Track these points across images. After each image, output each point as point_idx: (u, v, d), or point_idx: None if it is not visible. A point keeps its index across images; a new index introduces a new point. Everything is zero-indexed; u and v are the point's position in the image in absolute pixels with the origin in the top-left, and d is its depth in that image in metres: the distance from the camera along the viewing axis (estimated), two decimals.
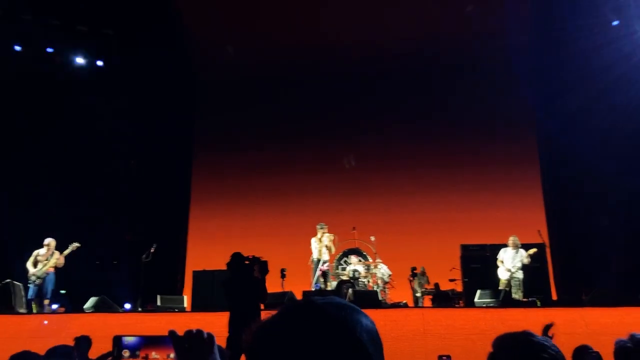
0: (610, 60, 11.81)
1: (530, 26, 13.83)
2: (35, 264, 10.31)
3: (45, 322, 9.12)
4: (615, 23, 12.15)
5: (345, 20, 13.86)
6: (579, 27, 12.13)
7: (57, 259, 10.37)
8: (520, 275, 10.37)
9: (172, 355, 1.22)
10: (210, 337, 1.19)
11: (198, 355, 1.17)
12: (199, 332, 1.19)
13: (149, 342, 1.23)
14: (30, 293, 10.22)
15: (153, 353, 1.23)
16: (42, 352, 4.40)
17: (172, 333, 1.18)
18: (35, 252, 10.40)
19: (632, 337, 1.87)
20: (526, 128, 14.20)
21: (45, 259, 10.36)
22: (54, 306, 10.57)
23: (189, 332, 1.18)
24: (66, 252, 10.45)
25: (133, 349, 1.23)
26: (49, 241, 10.52)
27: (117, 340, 1.23)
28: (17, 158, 12.74)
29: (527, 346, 1.51)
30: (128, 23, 13.39)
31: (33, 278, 10.20)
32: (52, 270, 10.33)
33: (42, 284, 10.23)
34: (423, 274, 12.08)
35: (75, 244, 10.52)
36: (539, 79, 13.98)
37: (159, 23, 13.90)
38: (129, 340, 1.24)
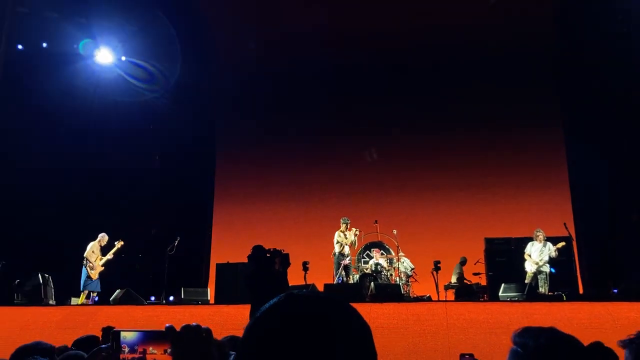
0: (637, 46, 11.53)
1: (554, 13, 13.56)
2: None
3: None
4: None
5: (368, 14, 13.77)
6: (604, 13, 11.86)
7: (109, 257, 10.99)
8: (546, 269, 10.25)
9: (169, 350, 1.22)
10: (208, 332, 1.19)
11: (195, 351, 1.17)
12: (197, 327, 1.19)
13: (147, 337, 1.23)
14: (91, 286, 10.64)
15: (150, 348, 1.23)
16: (69, 342, 4.50)
17: (169, 328, 1.18)
18: (93, 246, 10.90)
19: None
20: (552, 118, 13.93)
21: (100, 254, 10.93)
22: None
23: (186, 327, 1.18)
24: (114, 250, 11.01)
25: (131, 344, 1.23)
26: (104, 235, 11.07)
27: (116, 335, 1.24)
28: (42, 152, 12.96)
29: (555, 347, 1.44)
30: (152, 20, 13.50)
31: (93, 272, 10.69)
32: None
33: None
34: (463, 263, 11.94)
35: (120, 243, 11.05)
36: (563, 67, 13.69)
37: (183, 19, 13.99)
38: (127, 335, 1.24)
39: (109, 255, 10.97)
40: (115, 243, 11.04)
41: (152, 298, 11.04)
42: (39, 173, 12.76)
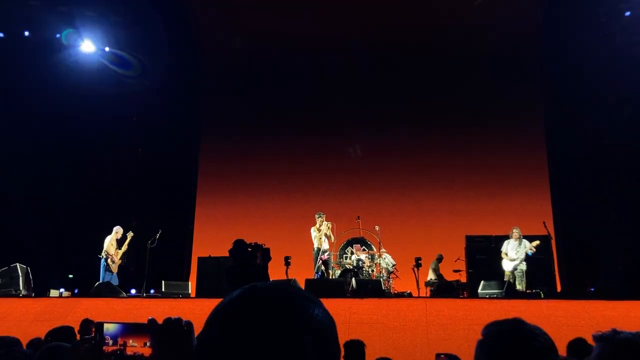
0: (620, 49, 11.70)
1: (539, 15, 13.68)
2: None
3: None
4: (627, 14, 12.02)
5: (352, 9, 13.77)
6: (589, 15, 12.01)
7: (125, 248, 11.04)
8: (523, 266, 10.40)
9: (148, 343, 1.23)
10: (189, 325, 1.20)
11: (176, 344, 1.17)
12: (178, 320, 1.19)
13: (128, 329, 1.24)
14: (110, 278, 10.61)
15: (131, 341, 1.24)
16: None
17: (151, 321, 1.19)
18: (111, 240, 10.89)
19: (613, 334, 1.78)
20: (534, 118, 14.09)
21: (117, 247, 10.95)
22: (61, 290, 10.72)
23: (167, 320, 1.19)
24: (127, 241, 11.05)
25: (114, 337, 1.24)
26: (119, 228, 11.10)
27: (99, 327, 1.24)
28: (23, 144, 12.78)
29: (516, 334, 1.49)
30: (135, 10, 13.36)
31: (113, 266, 10.73)
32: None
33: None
34: (440, 260, 12.04)
35: (131, 234, 11.13)
36: (547, 68, 13.84)
37: (166, 9, 13.86)
38: (110, 327, 1.25)
39: (125, 247, 11.04)
40: (127, 235, 11.11)
41: (133, 291, 10.98)
42: (17, 162, 12.59)
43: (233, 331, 0.88)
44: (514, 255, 10.45)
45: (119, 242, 11.09)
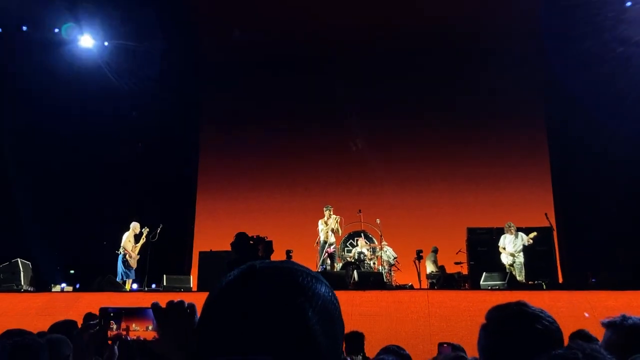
0: (621, 42, 11.64)
1: (540, 10, 13.62)
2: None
3: None
4: (628, 4, 11.96)
5: (353, 3, 13.72)
6: (589, 8, 11.95)
7: (143, 242, 11.09)
8: (521, 258, 10.44)
9: (150, 327, 1.23)
10: (192, 307, 1.19)
11: (179, 326, 1.16)
12: (180, 302, 1.19)
13: (130, 313, 1.25)
14: (129, 274, 10.70)
15: (134, 325, 1.24)
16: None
17: (154, 305, 1.19)
18: (129, 236, 10.94)
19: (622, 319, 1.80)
20: (535, 111, 14.05)
21: (134, 242, 11.01)
22: (63, 285, 10.74)
23: (170, 303, 1.19)
24: (144, 236, 11.10)
25: (117, 321, 1.25)
26: (136, 224, 11.15)
27: (104, 312, 1.24)
28: (24, 140, 12.76)
29: (521, 316, 1.48)
30: (134, 3, 13.29)
31: (132, 261, 10.78)
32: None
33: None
34: (435, 251, 12.08)
35: (146, 229, 11.19)
36: (548, 62, 13.77)
37: (165, 2, 13.80)
38: (113, 313, 1.26)
39: (142, 240, 11.09)
40: (142, 230, 11.16)
41: (135, 285, 11.00)
42: (17, 159, 12.58)
43: (235, 308, 0.85)
44: (511, 249, 10.48)
45: (136, 238, 11.13)
